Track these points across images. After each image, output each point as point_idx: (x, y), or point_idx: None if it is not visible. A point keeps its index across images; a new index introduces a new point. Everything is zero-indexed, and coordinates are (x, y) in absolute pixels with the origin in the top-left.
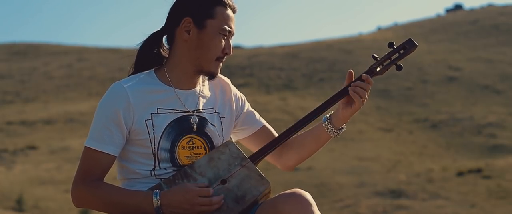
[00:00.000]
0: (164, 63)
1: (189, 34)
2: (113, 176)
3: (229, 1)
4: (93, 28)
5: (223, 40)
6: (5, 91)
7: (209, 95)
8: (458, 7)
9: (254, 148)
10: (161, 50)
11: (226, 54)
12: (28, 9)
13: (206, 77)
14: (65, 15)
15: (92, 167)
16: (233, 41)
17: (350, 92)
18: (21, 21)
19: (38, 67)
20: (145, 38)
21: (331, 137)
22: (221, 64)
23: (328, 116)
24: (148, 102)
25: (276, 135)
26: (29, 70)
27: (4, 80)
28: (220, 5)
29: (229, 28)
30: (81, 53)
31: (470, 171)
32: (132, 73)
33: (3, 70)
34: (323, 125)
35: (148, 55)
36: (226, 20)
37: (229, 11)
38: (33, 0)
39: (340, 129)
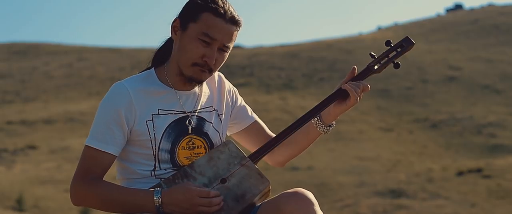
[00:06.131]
0: (166, 63)
1: (175, 34)
2: (112, 176)
3: (225, 10)
4: (93, 28)
5: (202, 47)
6: (5, 91)
7: (208, 94)
8: (458, 7)
9: (245, 143)
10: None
11: (206, 62)
12: (28, 9)
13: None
14: (65, 15)
15: (92, 166)
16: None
17: (347, 87)
18: (21, 21)
19: (38, 67)
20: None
21: (321, 133)
22: (206, 72)
23: None
24: (149, 103)
25: (268, 130)
26: (29, 70)
27: (4, 80)
28: (209, 11)
29: (212, 36)
30: (81, 53)
31: (470, 171)
32: (146, 69)
33: (3, 70)
34: (312, 121)
35: (161, 53)
36: (210, 27)
37: (220, 20)
38: (33, 0)
39: (329, 126)
